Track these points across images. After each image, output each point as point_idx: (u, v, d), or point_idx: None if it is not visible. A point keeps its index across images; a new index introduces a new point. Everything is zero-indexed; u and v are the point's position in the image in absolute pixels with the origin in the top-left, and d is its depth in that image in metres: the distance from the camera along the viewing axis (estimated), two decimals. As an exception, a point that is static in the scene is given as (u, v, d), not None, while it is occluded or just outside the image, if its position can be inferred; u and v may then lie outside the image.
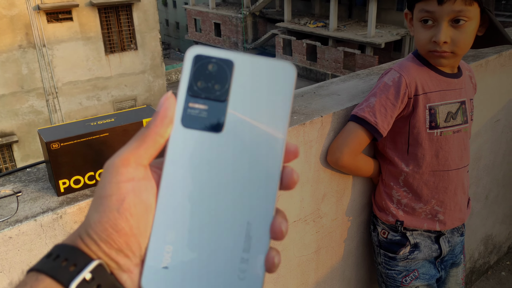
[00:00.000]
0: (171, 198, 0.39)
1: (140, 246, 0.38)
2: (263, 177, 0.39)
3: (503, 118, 2.29)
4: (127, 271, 0.38)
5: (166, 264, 0.38)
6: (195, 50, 0.39)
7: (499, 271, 2.78)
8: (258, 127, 0.39)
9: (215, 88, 0.39)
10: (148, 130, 0.39)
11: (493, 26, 1.29)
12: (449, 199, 1.43)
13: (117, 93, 13.14)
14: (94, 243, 0.37)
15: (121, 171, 0.38)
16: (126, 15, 12.80)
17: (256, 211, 0.39)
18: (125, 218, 0.37)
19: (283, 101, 0.39)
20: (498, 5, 23.97)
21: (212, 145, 0.39)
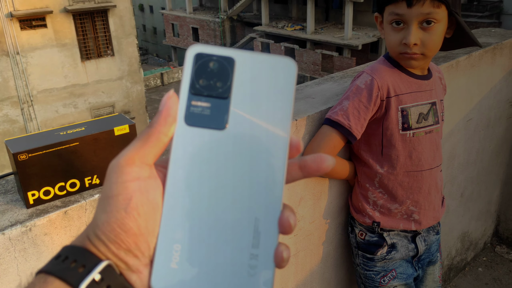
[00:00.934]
0: (177, 197, 0.38)
1: (149, 245, 0.38)
2: (269, 171, 0.39)
3: (475, 117, 2.33)
4: (137, 271, 0.38)
5: (175, 263, 0.38)
6: (196, 48, 0.39)
7: (476, 267, 2.84)
8: (262, 122, 0.39)
9: (217, 85, 0.39)
10: (151, 129, 0.39)
11: (461, 28, 1.32)
12: (423, 199, 1.45)
13: (95, 100, 12.96)
14: (102, 243, 0.37)
15: (127, 171, 0.38)
16: (102, 21, 12.66)
17: (263, 206, 0.38)
18: (132, 217, 0.37)
19: (285, 95, 0.39)
20: (469, 6, 24.53)
21: (216, 142, 0.39)
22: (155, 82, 23.08)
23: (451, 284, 2.70)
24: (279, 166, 0.39)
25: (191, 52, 0.39)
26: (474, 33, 2.48)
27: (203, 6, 30.71)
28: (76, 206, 1.02)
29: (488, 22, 22.95)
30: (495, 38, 2.37)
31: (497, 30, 2.55)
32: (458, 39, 1.35)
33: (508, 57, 2.38)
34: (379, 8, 1.34)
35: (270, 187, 0.39)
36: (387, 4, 1.28)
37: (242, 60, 0.39)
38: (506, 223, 2.95)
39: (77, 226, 1.03)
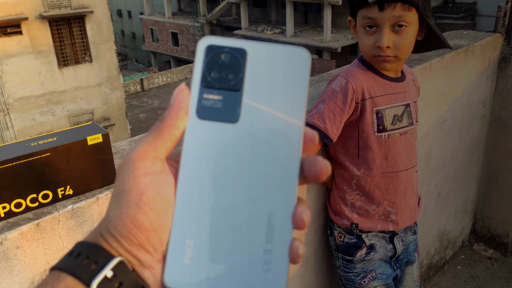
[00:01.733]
0: (190, 192, 0.38)
1: (162, 241, 0.37)
2: (283, 166, 0.38)
3: (449, 118, 2.38)
4: (149, 267, 0.38)
5: (188, 258, 0.37)
6: (207, 40, 0.39)
7: (455, 265, 2.88)
8: (275, 115, 0.38)
9: (229, 77, 0.38)
10: (163, 123, 0.38)
11: (431, 31, 1.35)
12: (400, 200, 1.47)
13: (73, 107, 12.78)
14: (114, 239, 0.37)
15: (139, 165, 0.37)
16: (79, 27, 12.50)
17: (277, 201, 0.37)
18: (144, 212, 0.36)
19: (299, 87, 0.38)
20: (445, 8, 25.00)
21: (229, 135, 0.38)
22: (135, 88, 22.87)
23: (431, 282, 2.74)
24: (294, 159, 0.38)
25: (202, 44, 0.38)
26: (446, 36, 2.53)
27: (182, 10, 30.61)
28: (48, 218, 1.00)
29: (463, 24, 23.43)
30: (467, 40, 2.42)
31: (469, 32, 2.61)
32: (429, 41, 1.38)
33: (480, 59, 2.44)
34: (352, 12, 1.36)
35: (285, 181, 0.38)
36: (360, 8, 1.30)
37: (254, 51, 0.38)
38: (482, 221, 3.01)
39: (50, 238, 1.01)
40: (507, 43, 2.74)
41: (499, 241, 2.95)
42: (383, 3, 1.24)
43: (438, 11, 25.15)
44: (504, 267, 2.84)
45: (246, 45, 0.38)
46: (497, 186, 2.85)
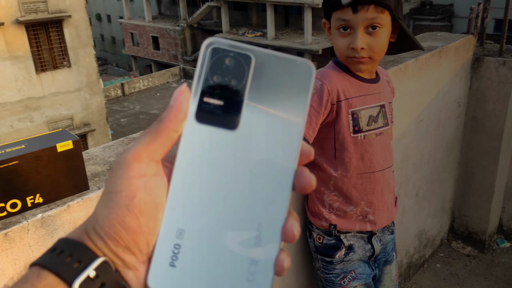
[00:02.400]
0: (181, 196, 0.37)
1: (148, 244, 0.37)
2: (277, 178, 0.37)
3: (425, 118, 2.41)
4: (133, 268, 0.37)
5: (173, 262, 0.37)
6: (212, 42, 0.38)
7: (434, 263, 2.92)
8: (274, 126, 0.37)
9: (231, 83, 0.37)
10: (161, 124, 0.37)
11: (404, 33, 1.36)
12: (377, 200, 1.48)
13: (52, 113, 12.57)
14: (100, 239, 0.36)
15: (133, 167, 0.37)
16: (57, 31, 12.31)
17: (268, 212, 0.37)
18: (134, 215, 0.36)
19: (300, 100, 0.37)
20: (422, 10, 25.41)
21: (226, 142, 0.37)
22: (115, 93, 22.63)
23: (411, 281, 2.77)
24: (288, 172, 0.38)
25: (207, 46, 0.37)
26: (420, 37, 2.57)
27: (162, 14, 30.45)
28: (17, 228, 0.98)
29: (440, 25, 23.85)
30: (441, 41, 2.46)
31: (443, 34, 2.66)
32: (402, 43, 1.40)
33: (453, 60, 2.48)
34: (326, 15, 1.37)
35: (277, 194, 0.37)
36: (334, 10, 1.31)
37: (259, 58, 0.38)
38: (460, 219, 3.06)
39: (19, 248, 0.99)
40: (480, 44, 2.79)
41: (476, 238, 3.00)
42: (357, 5, 1.25)
43: (416, 13, 25.55)
44: (481, 264, 2.89)
45: (252, 51, 0.38)
46: (474, 184, 2.90)
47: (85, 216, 1.12)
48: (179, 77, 25.36)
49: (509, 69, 2.53)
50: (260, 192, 0.37)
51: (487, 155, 2.77)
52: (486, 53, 2.66)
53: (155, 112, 20.40)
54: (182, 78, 25.34)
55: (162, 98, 22.37)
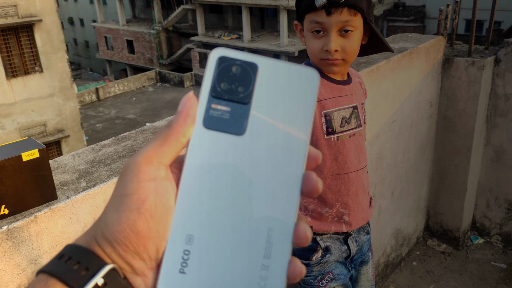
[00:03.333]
0: (190, 201, 0.37)
1: (157, 249, 0.36)
2: (285, 182, 0.38)
3: (399, 119, 2.44)
4: (142, 274, 0.36)
5: (183, 269, 0.36)
6: (220, 51, 0.39)
7: (411, 261, 2.96)
8: (281, 131, 0.38)
9: (238, 90, 0.38)
10: (170, 129, 0.38)
11: (374, 35, 1.38)
12: (352, 201, 1.49)
13: (24, 120, 12.27)
14: (109, 244, 0.36)
15: (144, 170, 0.37)
16: (28, 36, 12.03)
17: (278, 216, 0.37)
18: (145, 218, 0.35)
19: (306, 107, 0.38)
20: (396, 11, 25.86)
21: (234, 147, 0.38)
22: (90, 98, 22.27)
23: (389, 280, 2.80)
24: (296, 177, 0.38)
25: (215, 55, 0.39)
26: (392, 39, 2.61)
27: (136, 17, 30.14)
28: (-19, 241, 0.95)
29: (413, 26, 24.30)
30: (412, 43, 2.50)
31: (414, 35, 2.70)
32: (373, 45, 1.42)
33: (424, 60, 2.52)
34: (298, 17, 1.37)
35: (286, 198, 0.38)
36: (307, 13, 1.31)
37: (265, 67, 0.39)
38: (435, 217, 3.11)
39: (-17, 262, 0.95)
40: (450, 44, 2.85)
41: (451, 236, 3.06)
42: (330, 8, 1.26)
43: (390, 14, 25.98)
44: (456, 261, 2.94)
45: (258, 60, 0.39)
46: (447, 182, 2.96)
47: (53, 227, 1.09)
48: (155, 81, 25.13)
49: (478, 69, 2.59)
50: (269, 196, 0.38)
51: (459, 153, 2.83)
52: (456, 54, 2.71)
53: (131, 117, 20.17)
54: (158, 82, 25.12)
55: (138, 102, 22.13)
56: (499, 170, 2.91)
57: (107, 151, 1.36)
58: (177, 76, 24.24)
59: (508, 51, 2.63)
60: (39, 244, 1.06)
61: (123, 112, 20.88)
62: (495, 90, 2.75)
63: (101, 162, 1.29)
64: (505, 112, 2.76)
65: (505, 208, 2.98)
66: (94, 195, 1.15)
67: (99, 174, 1.22)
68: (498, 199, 2.99)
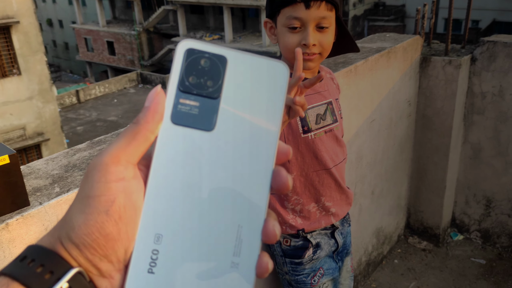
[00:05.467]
0: (158, 200, 0.36)
1: (126, 251, 0.35)
2: (255, 178, 0.37)
3: (378, 118, 2.46)
4: (108, 277, 0.35)
5: (152, 268, 0.35)
6: (187, 43, 0.37)
7: (392, 259, 2.98)
8: (250, 126, 0.37)
9: (207, 84, 0.37)
10: (138, 126, 0.36)
11: (342, 34, 1.40)
12: (335, 192, 1.51)
13: (2, 124, 12.01)
14: (75, 247, 0.34)
15: (111, 170, 0.35)
16: (5, 38, 11.78)
17: (248, 213, 0.37)
18: (113, 221, 0.34)
19: (276, 100, 0.38)
20: (376, 10, 26.13)
21: (203, 143, 0.37)
22: (70, 100, 21.94)
23: (371, 278, 2.82)
24: (266, 172, 0.37)
25: (182, 47, 0.37)
26: (370, 39, 2.63)
27: (117, 18, 29.83)
28: (-52, 251, 0.92)
29: (394, 25, 24.59)
30: (389, 42, 2.52)
31: (391, 35, 2.72)
32: (341, 44, 1.43)
33: (402, 60, 2.54)
34: (271, 13, 1.36)
35: (255, 194, 0.37)
36: (284, 7, 1.30)
37: (234, 60, 0.38)
38: (415, 215, 3.14)
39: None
40: (427, 44, 2.88)
41: (431, 233, 3.09)
42: (310, 1, 1.26)
43: (370, 14, 26.24)
44: (437, 257, 2.98)
45: (227, 52, 0.38)
46: (426, 180, 2.99)
47: (26, 234, 1.06)
48: (137, 83, 24.91)
49: (455, 68, 2.63)
50: (238, 193, 0.37)
51: (438, 151, 2.86)
52: (433, 53, 2.75)
53: (112, 119, 19.94)
54: (139, 83, 24.90)
55: (120, 104, 21.90)
56: (477, 167, 2.96)
57: (82, 155, 1.34)
58: (158, 77, 24.06)
59: (484, 50, 2.67)
60: (11, 252, 1.04)
61: (104, 115, 20.64)
62: (472, 89, 2.79)
63: (75, 166, 1.27)
64: (482, 110, 2.81)
65: (484, 204, 3.03)
66: (68, 201, 1.13)
67: (73, 179, 1.20)
68: (477, 196, 3.04)
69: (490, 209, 3.01)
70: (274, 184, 0.37)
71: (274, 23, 1.37)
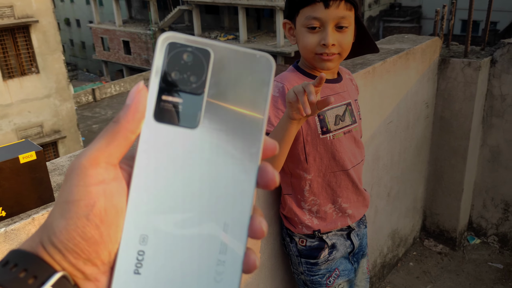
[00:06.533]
0: (142, 200, 0.35)
1: (110, 253, 0.34)
2: (240, 175, 0.36)
3: (395, 119, 2.45)
4: (94, 280, 0.35)
5: (138, 269, 0.35)
6: (169, 37, 0.36)
7: (408, 262, 2.97)
8: (235, 122, 0.36)
9: (190, 80, 0.36)
10: (118, 125, 0.35)
11: (361, 34, 1.39)
12: (352, 194, 1.51)
13: (21, 121, 12.22)
14: (58, 252, 0.33)
15: (90, 173, 0.34)
16: (24, 37, 11.99)
17: (233, 210, 0.36)
18: (95, 225, 0.33)
19: (261, 95, 0.37)
20: (392, 11, 25.91)
21: (187, 141, 0.36)
22: (86, 99, 22.22)
23: (385, 280, 2.80)
24: (251, 170, 0.37)
25: (164, 41, 0.36)
26: (388, 40, 2.61)
27: (133, 18, 30.10)
28: (-22, 243, 0.95)
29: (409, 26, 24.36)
30: (408, 43, 2.51)
31: (410, 36, 2.71)
32: (360, 45, 1.43)
33: (420, 61, 2.53)
34: (290, 13, 1.36)
35: (241, 191, 0.36)
36: (302, 7, 1.30)
37: (217, 53, 0.36)
38: (431, 217, 3.12)
39: (-20, 265, 0.95)
40: (446, 45, 2.86)
41: (447, 236, 3.06)
42: (329, 1, 1.26)
43: (386, 15, 26.04)
44: (453, 261, 2.95)
45: (210, 45, 0.36)
46: (443, 183, 2.97)
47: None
48: (152, 82, 25.05)
49: (474, 70, 2.60)
50: (223, 190, 0.36)
51: (456, 154, 2.84)
52: (452, 55, 2.73)
53: (128, 117, 20.07)
54: (155, 82, 25.03)
55: (135, 103, 22.03)
56: (495, 170, 2.93)
57: (104, 152, 1.36)
58: (173, 76, 24.15)
59: (504, 52, 2.64)
60: (36, 246, 1.06)
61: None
62: (491, 91, 2.76)
63: (98, 164, 1.29)
64: (501, 113, 2.77)
65: (502, 208, 2.99)
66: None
67: (96, 176, 1.22)
68: (495, 200, 3.00)
69: (509, 213, 2.97)
70: (260, 180, 0.37)
71: (293, 24, 1.37)
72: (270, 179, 0.37)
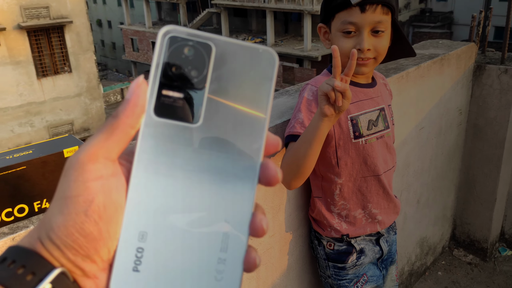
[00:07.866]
0: (142, 197, 0.35)
1: (109, 250, 0.34)
2: (242, 171, 0.36)
3: (427, 126, 2.42)
4: (93, 277, 0.34)
5: (137, 266, 0.35)
6: (169, 30, 0.35)
7: (436, 271, 2.91)
8: (237, 117, 0.36)
9: (191, 74, 0.35)
10: (117, 120, 0.34)
11: (398, 38, 1.38)
12: (383, 200, 1.50)
13: (52, 118, 12.58)
14: (56, 248, 0.33)
15: (89, 168, 0.34)
16: (58, 37, 12.35)
17: (234, 208, 0.36)
18: (93, 221, 0.33)
19: (264, 90, 0.36)
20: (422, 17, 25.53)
21: (187, 137, 0.35)
22: (115, 98, 22.65)
23: (413, 289, 2.76)
24: (253, 167, 0.36)
25: (164, 34, 0.35)
26: (422, 45, 2.58)
27: (162, 20, 30.56)
28: (24, 232, 0.98)
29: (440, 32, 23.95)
30: (443, 49, 2.47)
31: (444, 42, 2.67)
32: (395, 48, 1.42)
33: (455, 67, 2.49)
34: (326, 18, 1.36)
35: (242, 188, 0.36)
36: (339, 11, 1.30)
37: (219, 48, 0.36)
38: (462, 226, 3.05)
39: (25, 253, 0.99)
40: (481, 51, 2.80)
41: (478, 246, 3.00)
42: (365, 5, 1.25)
43: (416, 20, 25.67)
44: (483, 272, 2.88)
45: (212, 40, 0.36)
46: (475, 192, 2.90)
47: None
48: (179, 83, 25.35)
49: (511, 77, 2.55)
50: (224, 187, 0.36)
51: (489, 162, 2.77)
52: (488, 61, 2.67)
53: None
54: (182, 84, 25.32)
55: (162, 103, 22.33)
56: (530, 180, 2.85)
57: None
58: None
59: (542, 60, 2.57)
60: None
61: (147, 113, 21.11)
62: (528, 99, 2.69)
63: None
64: (538, 122, 2.70)
65: (535, 219, 2.91)
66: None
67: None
68: (528, 211, 2.92)
69: (543, 225, 2.89)
70: (263, 177, 0.36)
71: (328, 28, 1.37)
72: (272, 176, 0.36)
